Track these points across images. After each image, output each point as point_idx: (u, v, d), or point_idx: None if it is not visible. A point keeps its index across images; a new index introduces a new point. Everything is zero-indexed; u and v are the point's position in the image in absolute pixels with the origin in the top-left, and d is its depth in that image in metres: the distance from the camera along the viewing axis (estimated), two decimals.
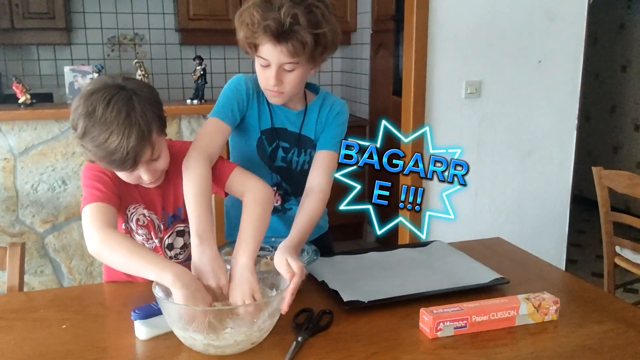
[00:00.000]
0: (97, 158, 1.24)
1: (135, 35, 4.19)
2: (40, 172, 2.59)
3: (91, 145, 1.21)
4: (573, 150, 3.09)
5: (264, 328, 1.13)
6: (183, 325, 1.10)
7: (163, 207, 1.43)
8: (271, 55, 1.38)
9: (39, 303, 1.38)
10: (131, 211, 1.40)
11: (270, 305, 1.14)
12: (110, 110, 1.19)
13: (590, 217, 4.78)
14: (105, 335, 1.21)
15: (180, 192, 1.39)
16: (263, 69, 1.42)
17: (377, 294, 1.32)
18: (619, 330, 1.21)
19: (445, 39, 2.77)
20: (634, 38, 4.76)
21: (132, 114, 1.20)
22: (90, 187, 1.29)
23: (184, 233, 1.47)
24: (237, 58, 4.38)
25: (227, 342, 1.10)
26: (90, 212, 1.24)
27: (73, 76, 2.71)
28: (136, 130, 1.20)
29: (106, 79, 1.26)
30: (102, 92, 1.21)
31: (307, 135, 1.59)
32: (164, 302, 1.12)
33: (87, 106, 1.20)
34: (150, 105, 1.25)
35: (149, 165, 1.29)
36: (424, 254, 1.61)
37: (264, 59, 1.40)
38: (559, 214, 3.14)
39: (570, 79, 3.00)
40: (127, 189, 1.37)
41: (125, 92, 1.22)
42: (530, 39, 2.89)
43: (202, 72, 2.71)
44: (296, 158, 1.60)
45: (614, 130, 5.00)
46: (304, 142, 1.59)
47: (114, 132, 1.18)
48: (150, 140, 1.24)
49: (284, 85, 1.43)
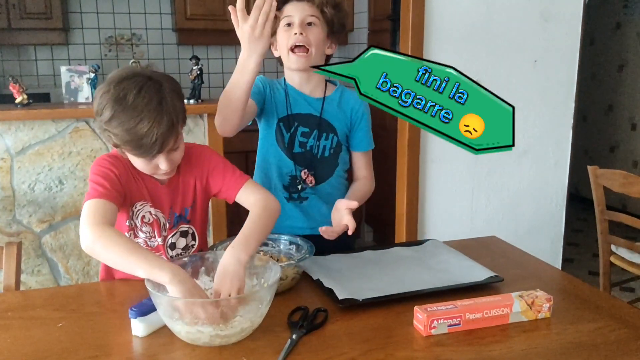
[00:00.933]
0: (123, 142, 1.27)
1: (132, 35, 4.19)
2: (37, 172, 2.60)
3: (119, 130, 1.24)
4: (569, 149, 3.10)
5: (264, 313, 1.17)
6: (191, 320, 1.11)
7: (170, 207, 1.44)
8: (295, 10, 1.54)
9: (35, 302, 1.38)
10: (137, 208, 1.41)
11: (269, 291, 1.17)
12: (142, 97, 1.23)
13: (587, 216, 4.79)
14: (102, 333, 1.22)
15: (188, 191, 1.43)
16: (286, 30, 1.56)
17: (371, 292, 1.33)
18: (611, 327, 1.21)
19: (441, 38, 2.78)
20: (630, 38, 4.78)
21: (163, 102, 1.26)
22: (95, 183, 1.31)
23: (187, 234, 1.48)
24: (235, 58, 4.37)
25: (234, 330, 1.12)
26: (89, 208, 1.26)
27: (69, 76, 2.71)
28: (167, 118, 1.25)
29: (134, 67, 1.32)
30: (133, 79, 1.26)
31: (327, 119, 1.64)
32: (164, 298, 1.12)
33: (117, 91, 1.24)
34: (177, 96, 1.30)
35: (169, 154, 1.32)
36: (419, 252, 1.62)
37: (288, 16, 1.54)
38: (555, 213, 3.15)
39: (566, 79, 3.01)
40: (136, 186, 1.39)
41: (155, 82, 1.27)
42: (526, 38, 2.90)
43: (198, 72, 2.72)
44: (317, 142, 1.64)
45: (611, 130, 5.02)
46: (324, 126, 1.65)
47: (145, 118, 1.23)
48: (177, 129, 1.30)
49: (309, 39, 1.54)
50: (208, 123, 2.75)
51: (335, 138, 1.66)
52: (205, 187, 1.46)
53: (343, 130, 1.68)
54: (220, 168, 1.44)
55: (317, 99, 1.66)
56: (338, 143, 1.68)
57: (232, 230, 2.83)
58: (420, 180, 2.89)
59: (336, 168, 1.70)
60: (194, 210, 1.47)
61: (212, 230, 2.80)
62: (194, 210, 1.47)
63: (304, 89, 1.66)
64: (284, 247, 1.50)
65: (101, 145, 2.64)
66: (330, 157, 1.68)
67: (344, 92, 1.69)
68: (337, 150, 1.68)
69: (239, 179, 1.43)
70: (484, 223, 3.02)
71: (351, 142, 1.71)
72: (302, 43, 1.54)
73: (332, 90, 1.69)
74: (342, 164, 1.72)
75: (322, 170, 1.66)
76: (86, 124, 2.62)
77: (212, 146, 2.74)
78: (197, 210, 1.48)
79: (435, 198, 2.93)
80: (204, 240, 1.55)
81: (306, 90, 1.66)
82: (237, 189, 1.41)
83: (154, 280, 1.14)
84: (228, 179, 1.43)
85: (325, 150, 1.66)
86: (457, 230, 2.94)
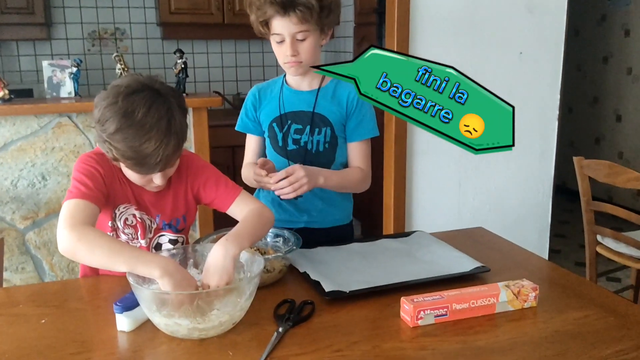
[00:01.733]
0: (124, 157, 1.22)
1: (116, 29, 4.15)
2: (20, 168, 2.56)
3: (122, 145, 1.20)
4: (555, 141, 3.11)
5: (245, 307, 1.16)
6: (168, 312, 1.10)
7: (158, 215, 1.41)
8: (282, 27, 1.49)
9: (18, 298, 1.36)
10: (121, 210, 1.38)
11: (249, 285, 1.16)
12: (151, 116, 1.19)
13: (574, 208, 4.82)
14: (85, 329, 1.20)
15: (179, 201, 1.41)
16: (279, 45, 1.54)
17: (358, 284, 1.32)
18: (597, 315, 1.22)
19: (426, 31, 2.77)
20: (614, 29, 4.81)
21: (172, 122, 1.22)
22: (78, 181, 1.28)
23: (177, 242, 1.46)
24: (220, 52, 4.36)
25: (212, 324, 1.11)
26: (68, 209, 1.22)
27: (52, 70, 2.67)
28: (174, 140, 1.22)
29: (141, 78, 1.25)
30: (143, 94, 1.21)
31: (320, 113, 1.63)
32: (142, 290, 1.12)
33: (126, 105, 1.19)
34: (183, 115, 1.27)
35: (165, 171, 1.30)
36: (406, 244, 1.61)
37: (277, 34, 1.51)
38: (541, 205, 3.17)
39: (550, 71, 3.02)
40: (120, 188, 1.36)
41: (164, 99, 1.23)
42: (511, 30, 2.90)
43: (183, 65, 2.69)
44: (310, 137, 1.64)
45: (596, 121, 5.05)
46: (317, 120, 1.63)
47: (153, 138, 1.19)
48: (181, 149, 1.28)
49: (300, 55, 1.53)
50: (193, 118, 2.72)
51: (329, 131, 1.64)
52: (196, 197, 1.44)
53: (338, 121, 1.65)
54: (213, 180, 1.42)
55: (311, 92, 1.65)
56: (333, 136, 1.65)
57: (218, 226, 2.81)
58: (407, 173, 2.88)
59: (333, 162, 1.67)
60: (185, 220, 1.45)
61: (199, 226, 2.78)
62: (185, 220, 1.46)
63: (300, 85, 1.66)
64: (270, 240, 1.49)
65: (84, 140, 2.61)
66: (326, 152, 1.66)
67: (338, 83, 1.66)
68: (333, 143, 1.66)
69: (232, 190, 1.41)
70: (471, 215, 3.03)
71: (347, 133, 1.67)
72: (295, 60, 1.54)
73: (328, 80, 1.66)
74: (341, 157, 1.68)
75: (317, 165, 1.63)
76: (69, 119, 2.59)
77: (197, 141, 2.72)
78: (188, 220, 1.46)
79: (423, 190, 2.93)
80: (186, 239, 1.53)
81: (303, 84, 1.65)
82: (231, 201, 1.39)
83: (147, 276, 1.13)
84: (222, 191, 1.40)
85: (319, 144, 1.65)
86: (445, 222, 2.94)
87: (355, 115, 1.64)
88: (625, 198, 4.62)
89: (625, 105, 4.76)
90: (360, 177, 1.67)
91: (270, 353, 1.07)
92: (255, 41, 4.36)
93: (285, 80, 1.68)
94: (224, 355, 1.08)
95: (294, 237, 1.46)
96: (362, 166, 1.67)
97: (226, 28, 4.07)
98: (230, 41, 4.32)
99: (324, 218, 1.71)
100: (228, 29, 4.08)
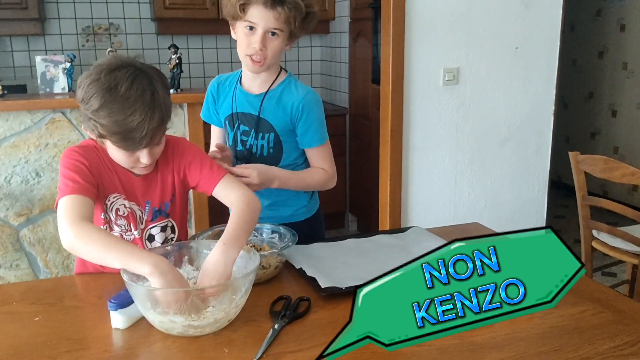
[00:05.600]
0: (110, 133, 1.23)
1: (110, 25, 4.12)
2: (13, 165, 2.55)
3: (107, 120, 1.20)
4: (550, 136, 3.12)
5: (240, 304, 1.16)
6: (163, 310, 1.10)
7: (148, 201, 1.41)
8: (260, 18, 1.43)
9: (11, 296, 1.35)
10: (111, 200, 1.38)
11: (244, 282, 1.16)
12: (135, 89, 1.20)
13: (569, 203, 4.84)
14: (80, 326, 1.19)
15: (167, 185, 1.40)
16: (247, 35, 1.47)
17: (354, 280, 1.32)
18: (594, 311, 1.22)
19: (422, 26, 2.76)
20: (610, 24, 4.80)
21: (156, 96, 1.23)
22: (67, 178, 1.27)
23: (167, 227, 1.46)
24: (215, 48, 4.33)
25: (207, 321, 1.10)
26: (64, 206, 1.22)
27: (45, 66, 2.65)
28: (158, 113, 1.23)
29: (123, 57, 1.27)
30: (125, 69, 1.22)
31: (265, 119, 1.60)
32: (136, 288, 1.11)
33: (109, 81, 1.20)
34: (166, 92, 1.28)
35: (152, 148, 1.30)
36: (402, 239, 1.61)
37: (251, 22, 1.44)
38: (537, 200, 3.17)
39: (546, 65, 3.02)
40: (108, 178, 1.35)
41: (146, 75, 1.24)
42: (506, 25, 2.90)
43: (177, 60, 2.68)
44: (255, 141, 1.62)
45: (592, 116, 5.06)
46: (262, 126, 1.61)
47: (137, 111, 1.20)
48: (166, 124, 1.28)
49: (267, 51, 1.47)
50: (188, 113, 2.71)
51: (273, 136, 1.60)
52: (183, 180, 1.43)
53: (282, 127, 1.60)
54: (198, 161, 1.41)
55: (258, 96, 1.60)
56: (277, 141, 1.61)
57: (214, 222, 2.81)
58: (403, 169, 2.88)
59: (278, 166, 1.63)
60: (173, 204, 1.44)
61: (194, 222, 2.77)
62: (174, 204, 1.44)
63: (251, 85, 1.62)
64: (266, 236, 1.49)
65: (78, 136, 2.59)
66: (270, 156, 1.63)
67: (285, 88, 1.60)
68: (277, 148, 1.63)
69: (216, 172, 1.40)
70: (467, 210, 3.03)
71: (298, 138, 1.63)
72: (260, 57, 1.49)
73: (277, 83, 1.61)
74: (287, 160, 1.64)
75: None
76: (63, 115, 2.57)
77: (192, 137, 2.71)
78: (177, 204, 1.45)
79: (418, 186, 2.93)
80: (184, 232, 1.52)
81: (254, 86, 1.61)
82: (215, 183, 1.39)
83: (136, 272, 1.13)
84: (206, 173, 1.40)
85: (263, 149, 1.62)
86: (440, 218, 2.95)
87: (302, 124, 1.59)
88: (620, 193, 4.63)
89: (621, 100, 4.76)
90: (324, 177, 1.64)
91: (266, 350, 1.07)
92: None
93: (240, 79, 1.65)
94: (219, 352, 1.07)
95: (289, 233, 1.45)
96: (325, 167, 1.64)
97: (221, 23, 4.00)
98: (225, 37, 4.29)
99: (274, 214, 1.66)
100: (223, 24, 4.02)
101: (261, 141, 1.62)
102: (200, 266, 1.29)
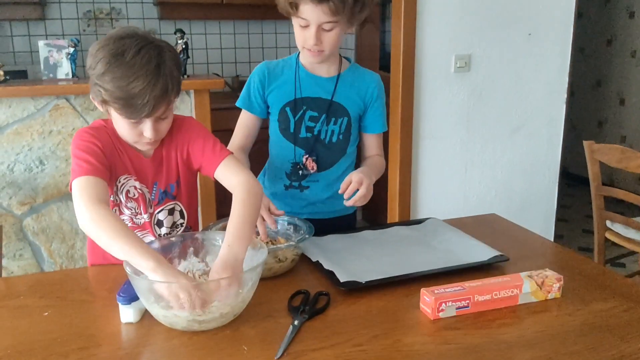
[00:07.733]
0: (113, 98, 1.21)
1: (112, 9, 4.04)
2: (16, 152, 2.49)
3: (110, 85, 1.20)
4: (562, 125, 3.07)
5: (247, 298, 1.12)
6: (167, 304, 1.06)
7: (155, 182, 1.38)
8: (311, 14, 1.41)
9: (19, 289, 1.31)
10: (122, 182, 1.35)
11: (251, 275, 1.12)
12: (141, 57, 1.20)
13: (575, 192, 4.80)
14: (91, 322, 1.15)
15: (171, 165, 1.38)
16: (302, 29, 1.46)
17: (373, 273, 1.28)
18: (624, 307, 1.17)
19: (433, 11, 2.70)
20: (619, 12, 4.73)
21: (162, 66, 1.22)
22: (80, 159, 1.25)
23: (174, 211, 1.42)
24: (219, 33, 4.26)
25: (212, 316, 1.07)
26: (79, 186, 1.20)
27: (48, 51, 2.59)
28: (162, 82, 1.21)
29: (137, 29, 1.27)
30: (134, 38, 1.22)
31: (339, 103, 1.56)
32: (139, 281, 1.07)
33: (116, 47, 1.20)
34: (175, 65, 1.27)
35: (156, 122, 1.28)
36: (419, 231, 1.56)
37: (304, 19, 1.42)
38: (547, 190, 3.13)
39: (559, 52, 2.96)
40: (119, 159, 1.33)
41: (156, 46, 1.24)
42: (519, 11, 2.83)
43: (183, 45, 2.61)
44: (325, 127, 1.58)
45: (599, 105, 5.00)
46: (335, 109, 1.56)
47: (141, 77, 1.19)
48: (170, 97, 1.26)
49: (323, 45, 1.46)
50: (195, 100, 2.65)
51: (345, 121, 1.58)
52: (187, 160, 1.39)
53: (356, 111, 1.60)
54: (201, 139, 1.37)
55: (330, 79, 1.57)
56: (348, 127, 1.59)
57: (220, 210, 2.76)
58: (413, 158, 2.83)
59: (344, 155, 1.62)
60: (179, 186, 1.41)
61: (201, 209, 2.72)
62: (179, 186, 1.41)
63: (316, 69, 1.57)
64: (281, 228, 1.44)
65: (83, 123, 2.53)
66: (339, 143, 1.60)
67: (357, 71, 1.61)
68: (347, 135, 1.60)
69: (219, 152, 1.36)
70: (477, 200, 2.99)
71: (363, 124, 1.63)
72: (317, 50, 1.47)
73: (346, 66, 1.60)
74: (351, 148, 1.64)
75: (327, 156, 1.58)
76: (67, 102, 2.51)
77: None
78: (183, 187, 1.42)
79: (428, 175, 2.88)
80: (194, 218, 1.49)
81: (321, 70, 1.57)
82: (217, 164, 1.34)
83: (140, 268, 1.09)
84: (208, 153, 1.36)
85: (333, 135, 1.59)
86: (450, 208, 2.90)
87: (376, 108, 1.62)
88: (629, 182, 4.59)
89: (629, 88, 4.70)
90: (383, 165, 1.67)
91: (287, 348, 1.02)
92: (254, 22, 4.26)
93: (300, 62, 1.60)
94: (238, 350, 1.03)
95: (305, 225, 1.40)
96: (381, 154, 1.68)
97: (225, 8, 3.97)
98: (229, 22, 4.22)
99: (328, 209, 1.66)
100: (227, 9, 3.98)
101: (332, 126, 1.58)
102: (205, 258, 1.28)
